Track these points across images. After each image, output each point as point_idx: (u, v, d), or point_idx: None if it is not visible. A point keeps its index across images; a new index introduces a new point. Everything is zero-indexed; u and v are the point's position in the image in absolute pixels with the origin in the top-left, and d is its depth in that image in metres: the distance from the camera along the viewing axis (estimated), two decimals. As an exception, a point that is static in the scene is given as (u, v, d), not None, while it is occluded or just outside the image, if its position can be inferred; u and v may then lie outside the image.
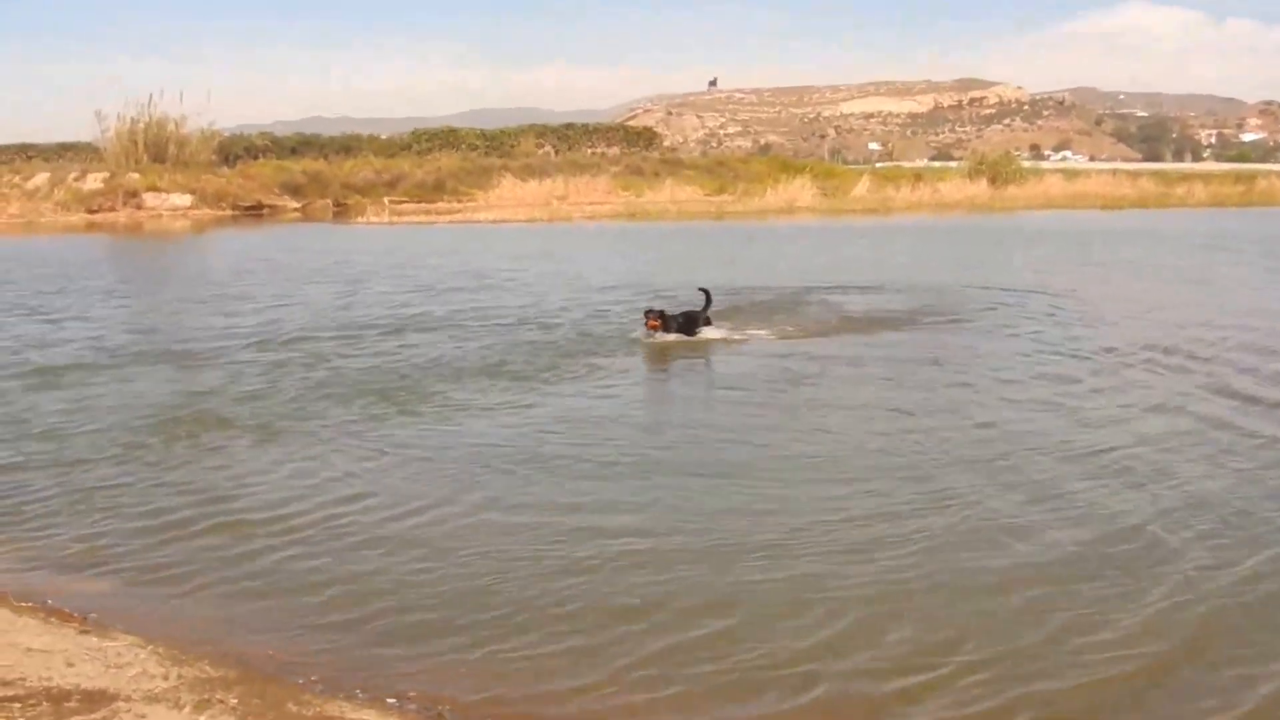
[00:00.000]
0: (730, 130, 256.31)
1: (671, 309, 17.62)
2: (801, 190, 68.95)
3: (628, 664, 6.57)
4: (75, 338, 18.17)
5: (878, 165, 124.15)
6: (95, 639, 6.61)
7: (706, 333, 17.06)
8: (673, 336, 16.64)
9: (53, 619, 6.95)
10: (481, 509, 9.17)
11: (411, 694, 6.23)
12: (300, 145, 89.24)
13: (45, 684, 5.92)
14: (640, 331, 16.92)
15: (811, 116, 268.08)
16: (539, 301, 22.24)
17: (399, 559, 8.14)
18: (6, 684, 5.88)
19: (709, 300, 17.47)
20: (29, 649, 6.36)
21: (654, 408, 13.54)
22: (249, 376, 14.70)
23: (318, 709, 5.91)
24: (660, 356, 16.14)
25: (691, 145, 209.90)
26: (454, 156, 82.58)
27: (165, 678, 6.11)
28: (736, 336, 17.29)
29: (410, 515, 9.05)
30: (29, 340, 17.91)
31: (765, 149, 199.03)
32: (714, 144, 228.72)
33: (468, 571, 7.87)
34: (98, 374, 14.97)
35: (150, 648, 6.54)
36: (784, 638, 6.84)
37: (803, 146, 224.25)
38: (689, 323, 16.97)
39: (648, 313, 16.85)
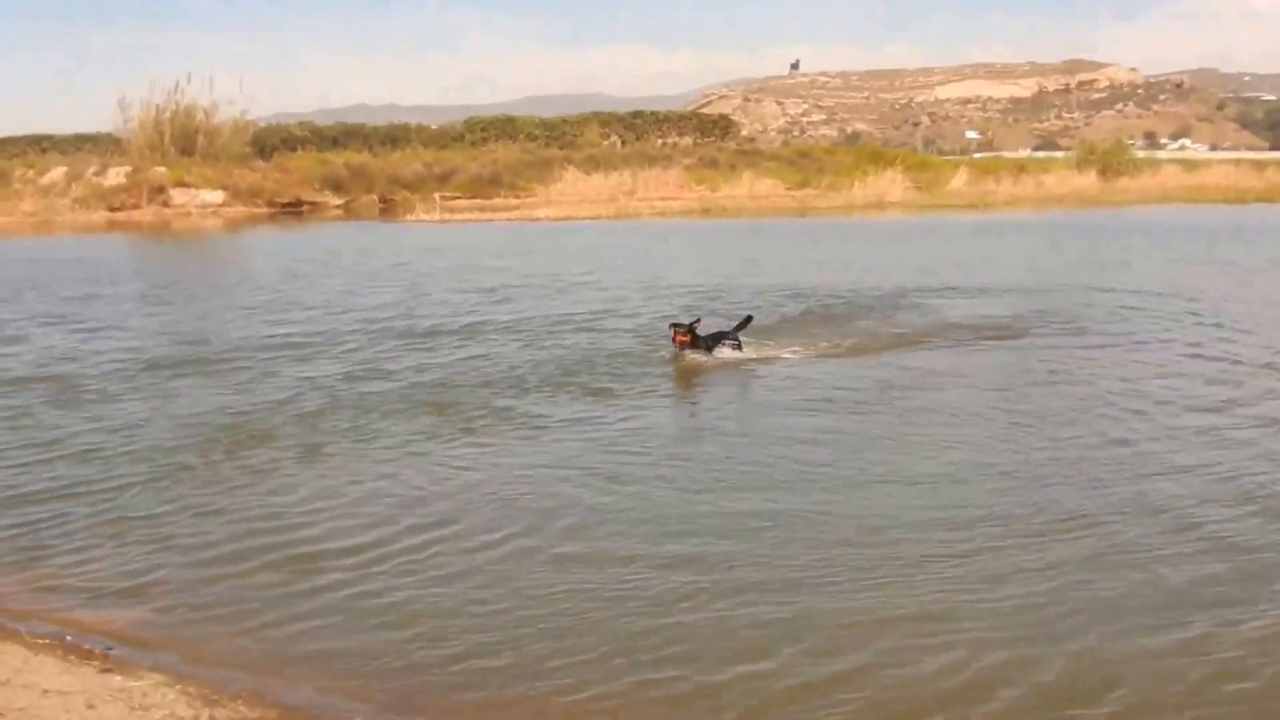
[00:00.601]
0: (814, 118, 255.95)
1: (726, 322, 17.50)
2: (892, 184, 68.79)
3: (750, 709, 6.45)
4: (110, 349, 18.14)
5: (976, 156, 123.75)
6: (118, 678, 6.55)
7: (722, 352, 16.28)
8: (702, 356, 16.01)
9: (72, 656, 6.89)
10: (561, 538, 9.02)
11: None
12: (343, 136, 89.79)
13: (63, 728, 5.85)
14: (667, 350, 16.35)
15: (903, 102, 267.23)
16: (614, 308, 22.16)
17: (466, 593, 8.01)
18: (21, 728, 5.82)
19: (746, 323, 16.98)
20: (46, 690, 6.31)
21: (742, 422, 13.31)
22: (301, 391, 14.61)
23: None
24: (731, 369, 16.03)
25: (771, 134, 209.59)
26: (511, 148, 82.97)
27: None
28: (785, 354, 16.65)
29: (479, 546, 8.91)
30: (60, 353, 17.91)
31: (852, 138, 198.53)
32: (796, 133, 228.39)
33: (545, 609, 7.69)
34: (134, 389, 14.95)
35: (179, 687, 6.48)
36: (925, 677, 6.70)
37: (893, 135, 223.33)
38: (715, 341, 16.34)
39: (674, 326, 16.23)
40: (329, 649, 7.19)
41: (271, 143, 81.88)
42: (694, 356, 15.91)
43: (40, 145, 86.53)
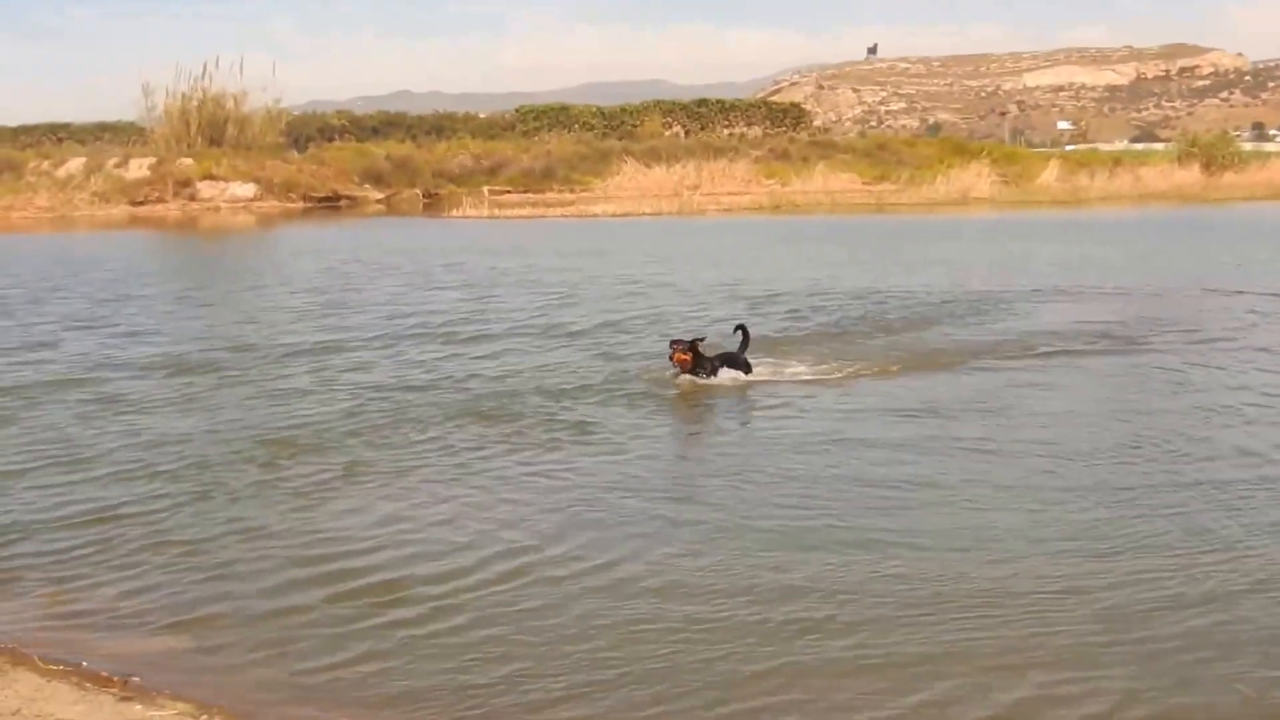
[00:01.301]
0: (893, 106, 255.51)
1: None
2: (978, 178, 68.48)
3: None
4: (148, 355, 18.02)
5: (1068, 148, 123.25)
6: (139, 707, 6.49)
7: (726, 375, 15.31)
8: (703, 379, 14.96)
9: (88, 684, 6.82)
10: (659, 566, 8.73)
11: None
12: (384, 126, 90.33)
13: (78, 762, 5.82)
14: (670, 372, 15.23)
15: (989, 90, 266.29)
16: (699, 311, 22.01)
17: (557, 629, 7.72)
18: (33, 761, 5.79)
19: (746, 339, 15.88)
20: (59, 720, 6.27)
21: (826, 433, 12.95)
22: (359, 401, 14.42)
23: None
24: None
25: (847, 124, 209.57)
26: (566, 139, 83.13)
27: (223, 754, 5.98)
28: (814, 375, 15.78)
29: (569, 575, 8.63)
30: (95, 359, 17.75)
31: (934, 129, 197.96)
32: (873, 123, 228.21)
33: (648, 646, 7.40)
34: (175, 398, 14.86)
35: (204, 718, 6.42)
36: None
37: (978, 126, 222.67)
38: (727, 363, 15.32)
39: (675, 344, 15.12)
40: (399, 690, 7.10)
41: (307, 132, 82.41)
42: (691, 379, 14.94)
43: (57, 134, 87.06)
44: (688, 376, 14.92)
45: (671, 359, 14.90)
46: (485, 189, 66.95)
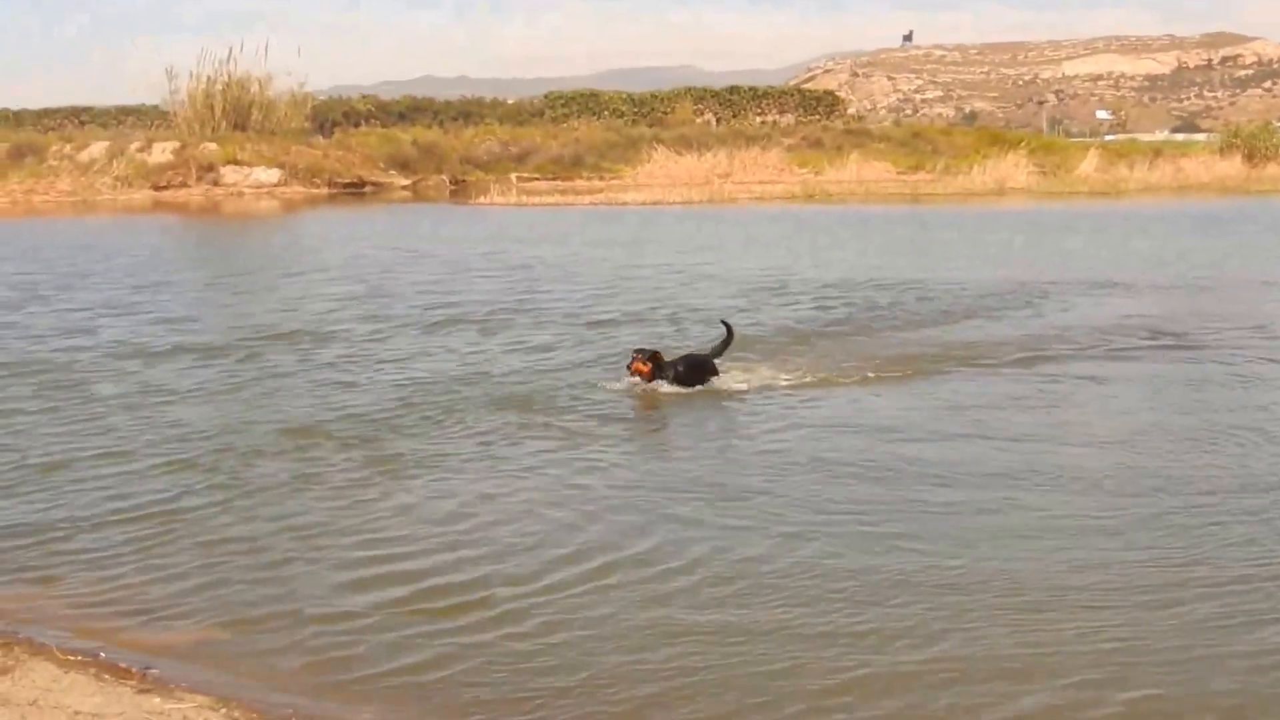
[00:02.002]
0: (928, 95, 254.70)
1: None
2: (1015, 168, 68.27)
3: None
4: (186, 343, 17.97)
5: (1107, 138, 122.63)
6: (157, 699, 6.47)
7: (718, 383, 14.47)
8: (667, 388, 13.98)
9: (106, 675, 6.81)
10: (740, 568, 8.50)
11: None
12: (410, 111, 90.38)
13: (95, 754, 5.80)
14: (626, 380, 14.25)
15: (1027, 78, 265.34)
16: (743, 301, 21.91)
17: (637, 634, 7.51)
18: (49, 753, 5.78)
19: (729, 339, 14.98)
20: (77, 712, 6.24)
21: (891, 430, 12.62)
22: (409, 393, 14.25)
23: None
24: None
25: (881, 113, 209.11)
26: (595, 125, 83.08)
27: (242, 748, 5.96)
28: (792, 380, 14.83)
29: (647, 578, 8.39)
30: (133, 348, 17.64)
31: (971, 117, 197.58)
32: (908, 111, 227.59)
33: (741, 650, 7.19)
34: (215, 388, 14.80)
35: (224, 710, 6.39)
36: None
37: (1015, 115, 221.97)
38: (692, 370, 14.25)
39: (638, 353, 14.20)
40: (370, 669, 7.14)
41: (332, 117, 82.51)
42: (654, 388, 13.94)
43: (79, 118, 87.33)
44: (646, 385, 13.91)
45: (630, 369, 13.94)
46: (513, 176, 66.99)
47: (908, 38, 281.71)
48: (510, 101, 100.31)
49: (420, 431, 12.42)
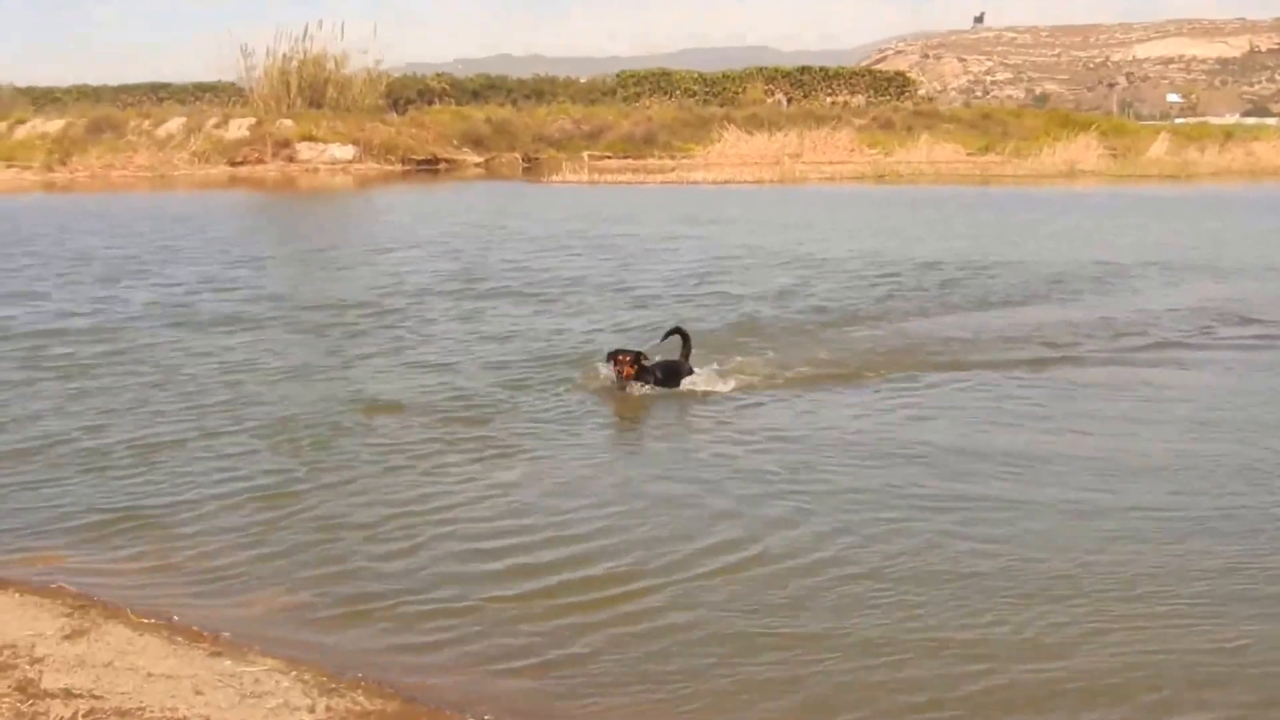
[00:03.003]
0: (999, 77, 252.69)
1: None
2: (1085, 150, 67.66)
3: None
4: (289, 318, 18.14)
5: (1177, 121, 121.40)
6: (229, 662, 6.53)
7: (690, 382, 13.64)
8: (648, 389, 13.17)
9: (179, 638, 6.89)
10: (886, 553, 8.34)
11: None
12: (484, 89, 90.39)
13: (169, 714, 5.86)
14: (606, 373, 13.45)
15: (1098, 61, 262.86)
16: (848, 278, 21.99)
17: (779, 624, 7.43)
18: (124, 714, 5.84)
19: (686, 344, 13.94)
20: (151, 674, 6.30)
21: (992, 416, 12.41)
22: (519, 374, 14.16)
23: None
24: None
25: (952, 94, 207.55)
26: (667, 105, 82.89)
27: (311, 710, 6.02)
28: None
29: (787, 570, 8.15)
30: (238, 323, 17.75)
31: (1041, 100, 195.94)
32: (979, 93, 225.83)
33: (885, 644, 7.03)
34: (322, 364, 14.83)
35: (294, 674, 6.46)
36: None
37: (1086, 97, 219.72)
38: (670, 374, 13.44)
39: (617, 354, 13.31)
40: (441, 636, 7.17)
41: (406, 95, 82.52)
42: (638, 389, 13.09)
43: (157, 94, 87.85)
44: (636, 386, 13.07)
45: (617, 373, 13.03)
46: (585, 154, 66.83)
47: (979, 19, 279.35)
48: (583, 80, 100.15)
49: (520, 410, 12.38)
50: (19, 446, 10.98)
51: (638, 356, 13.17)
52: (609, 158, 68.14)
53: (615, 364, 13.04)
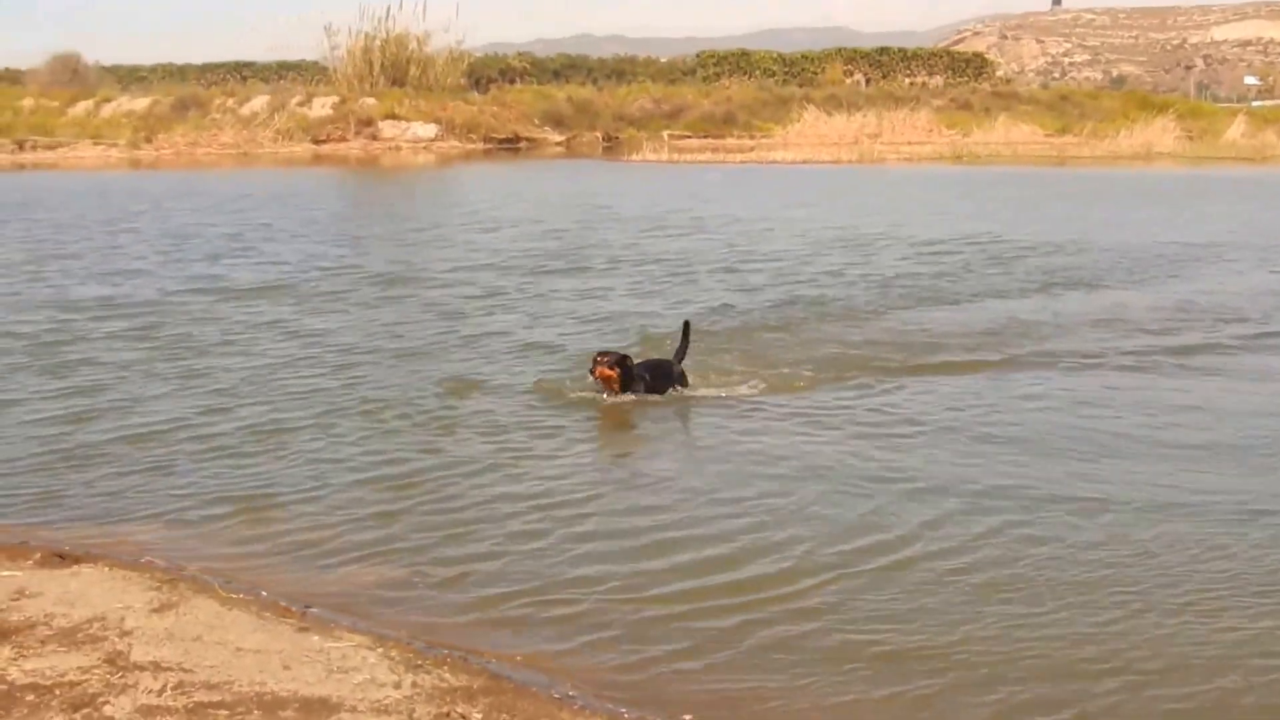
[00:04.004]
0: (1077, 58, 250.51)
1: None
2: (1162, 133, 67.05)
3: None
4: (403, 297, 18.12)
5: (1254, 104, 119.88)
6: (316, 638, 6.50)
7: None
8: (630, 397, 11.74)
9: (267, 613, 6.87)
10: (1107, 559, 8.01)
11: (686, 717, 5.98)
12: (565, 69, 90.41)
13: (257, 689, 5.82)
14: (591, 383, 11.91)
15: (1175, 43, 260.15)
16: (983, 259, 21.75)
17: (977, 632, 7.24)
18: (212, 687, 5.81)
19: (685, 343, 12.58)
20: (239, 648, 6.28)
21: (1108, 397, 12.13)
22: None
23: None
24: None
25: (1029, 76, 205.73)
26: (746, 85, 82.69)
27: (397, 686, 5.97)
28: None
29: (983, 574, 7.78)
30: (351, 300, 17.84)
31: (1118, 81, 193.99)
32: (1056, 74, 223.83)
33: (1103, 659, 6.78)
34: (442, 343, 14.78)
35: (380, 650, 6.42)
36: None
37: (1164, 79, 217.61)
38: (659, 377, 11.95)
39: (600, 357, 11.77)
40: (529, 612, 7.11)
41: (488, 74, 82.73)
42: (623, 397, 11.65)
43: (241, 73, 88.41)
44: (612, 395, 11.60)
45: (593, 374, 11.58)
46: (665, 133, 66.71)
47: (1057, 1, 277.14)
48: (663, 60, 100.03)
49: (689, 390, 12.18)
50: (124, 425, 10.97)
51: (622, 359, 11.66)
52: (688, 137, 68.01)
53: (594, 367, 11.51)
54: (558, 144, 66.78)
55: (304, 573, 7.77)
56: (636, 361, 11.87)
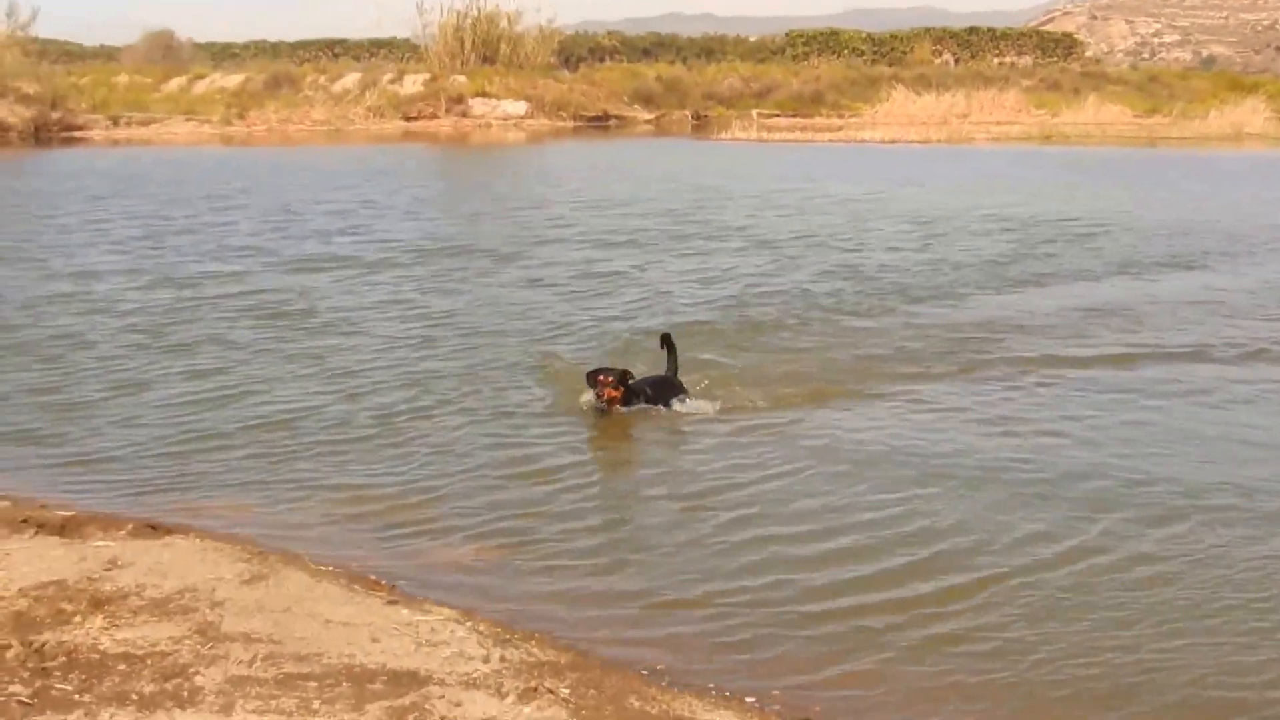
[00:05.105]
0: (1167, 39, 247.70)
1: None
2: (1252, 114, 65.99)
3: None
4: (528, 279, 17.91)
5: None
6: (405, 611, 6.49)
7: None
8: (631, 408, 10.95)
9: (356, 586, 6.87)
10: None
11: (775, 692, 5.92)
12: (654, 47, 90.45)
13: (346, 661, 5.81)
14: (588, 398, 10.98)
15: (1266, 24, 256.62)
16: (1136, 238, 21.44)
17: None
18: (302, 659, 5.79)
19: (673, 356, 11.53)
20: (328, 620, 6.27)
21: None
22: (797, 331, 13.94)
23: (663, 705, 5.68)
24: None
25: (1119, 56, 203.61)
26: (835, 64, 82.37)
27: (485, 660, 5.94)
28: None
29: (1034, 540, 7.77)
30: (473, 281, 17.72)
31: (1208, 62, 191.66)
32: (1146, 55, 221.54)
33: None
34: (564, 321, 14.67)
35: (469, 624, 6.40)
36: None
37: (1254, 60, 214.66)
38: (661, 390, 11.15)
39: (598, 374, 10.88)
40: (610, 588, 7.05)
41: (577, 53, 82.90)
42: (625, 410, 10.78)
43: (333, 50, 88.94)
44: (621, 408, 10.74)
45: (599, 396, 10.70)
46: (754, 112, 66.47)
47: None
48: (752, 39, 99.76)
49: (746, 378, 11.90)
50: (237, 404, 10.99)
51: (623, 376, 10.88)
52: (777, 115, 67.78)
53: (597, 385, 10.70)
54: (647, 122, 66.70)
55: (393, 547, 7.77)
56: (641, 378, 11.10)
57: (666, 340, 11.45)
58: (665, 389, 11.12)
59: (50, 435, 10.00)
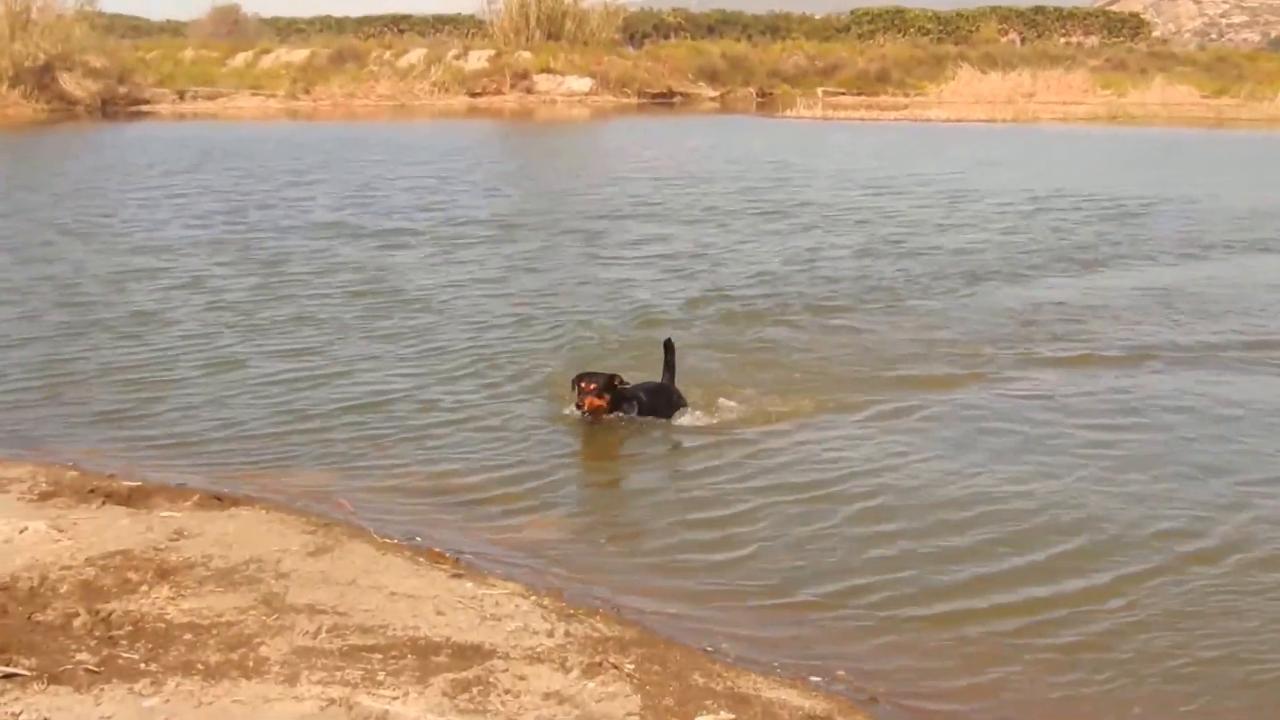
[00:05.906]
0: (1235, 19, 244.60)
1: None
2: (1321, 94, 65.24)
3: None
4: (609, 251, 18.06)
5: None
6: (470, 585, 6.47)
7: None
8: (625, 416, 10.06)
9: (421, 559, 6.86)
10: None
11: (840, 673, 5.87)
12: (719, 24, 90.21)
13: (411, 633, 5.79)
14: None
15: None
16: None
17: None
18: (366, 631, 5.79)
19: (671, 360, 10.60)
20: (393, 593, 6.26)
21: None
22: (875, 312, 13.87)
23: (728, 682, 5.61)
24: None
25: (1186, 36, 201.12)
26: (900, 42, 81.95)
27: (550, 634, 5.91)
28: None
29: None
30: (548, 253, 17.84)
31: (1277, 43, 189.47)
32: (1214, 35, 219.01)
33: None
34: (630, 298, 14.58)
35: (533, 599, 6.37)
36: None
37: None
38: (656, 399, 10.16)
39: (586, 379, 9.88)
40: (678, 564, 7.03)
41: (642, 29, 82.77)
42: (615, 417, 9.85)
43: (398, 26, 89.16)
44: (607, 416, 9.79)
45: (579, 405, 9.69)
46: (819, 90, 66.22)
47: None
48: (817, 17, 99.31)
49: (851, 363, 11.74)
50: (316, 381, 10.99)
51: (609, 382, 9.86)
52: (842, 94, 67.53)
53: (579, 392, 9.73)
54: (711, 99, 66.65)
55: (458, 521, 7.78)
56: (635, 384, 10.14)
57: (668, 347, 10.58)
58: (661, 398, 10.18)
59: (131, 416, 9.93)
